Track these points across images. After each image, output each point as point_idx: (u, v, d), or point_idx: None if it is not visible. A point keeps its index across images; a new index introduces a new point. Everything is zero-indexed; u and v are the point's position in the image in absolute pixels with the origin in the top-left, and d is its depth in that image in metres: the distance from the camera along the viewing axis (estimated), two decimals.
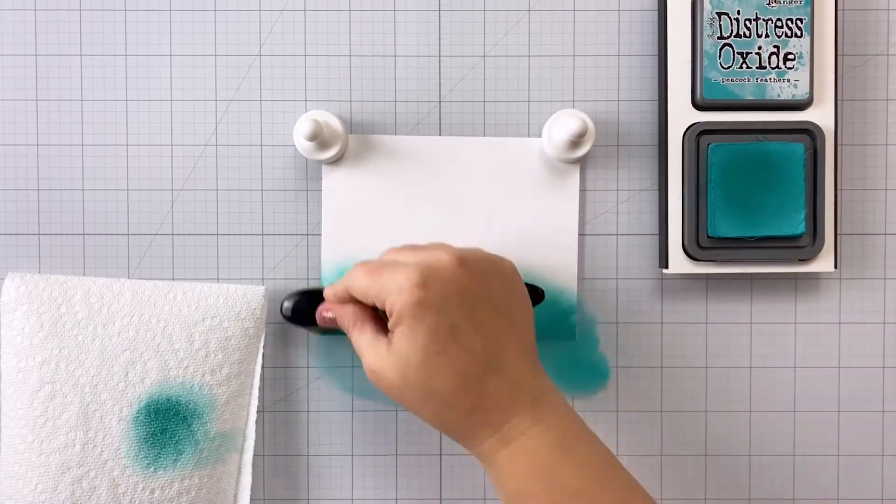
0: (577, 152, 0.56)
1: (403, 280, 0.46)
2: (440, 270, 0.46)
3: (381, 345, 0.47)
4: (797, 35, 0.55)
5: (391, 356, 0.46)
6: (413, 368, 0.46)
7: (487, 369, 0.46)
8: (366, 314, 0.49)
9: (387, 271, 0.47)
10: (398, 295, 0.46)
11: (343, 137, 0.56)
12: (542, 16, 0.58)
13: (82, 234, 0.58)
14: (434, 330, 0.45)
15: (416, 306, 0.45)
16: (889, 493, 0.59)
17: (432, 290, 0.46)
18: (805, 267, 0.56)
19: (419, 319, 0.45)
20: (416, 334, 0.46)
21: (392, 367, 0.46)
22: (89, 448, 0.54)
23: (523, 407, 0.47)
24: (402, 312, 0.46)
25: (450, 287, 0.46)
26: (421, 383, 0.46)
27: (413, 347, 0.46)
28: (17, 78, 0.57)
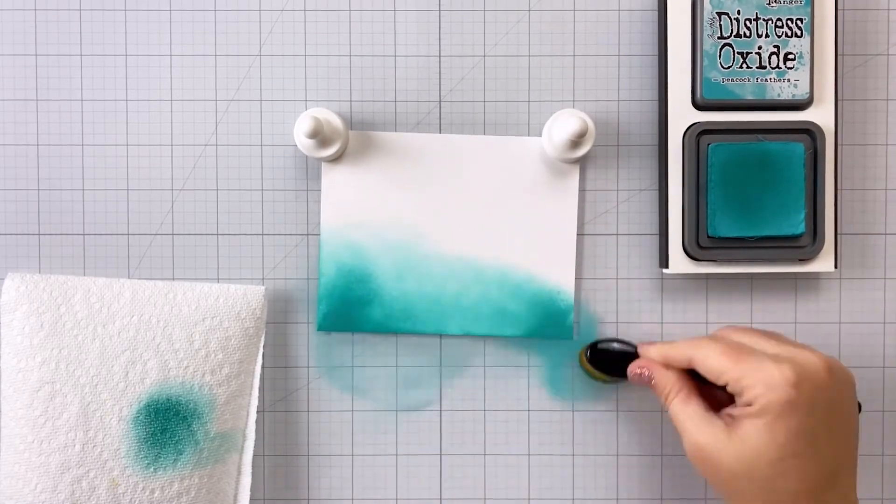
0: (577, 152, 0.56)
1: (777, 376, 0.45)
2: (813, 374, 0.46)
3: (717, 426, 0.47)
4: (797, 35, 0.55)
5: (734, 441, 0.46)
6: (762, 463, 0.45)
7: (829, 482, 0.46)
8: (690, 387, 0.49)
9: (754, 361, 0.46)
10: (767, 388, 0.45)
11: (343, 135, 0.56)
12: (542, 16, 0.58)
13: (82, 234, 0.58)
14: (796, 433, 0.45)
15: (783, 405, 0.45)
16: (889, 493, 0.59)
17: (803, 393, 0.45)
18: (805, 267, 0.56)
19: (783, 419, 0.45)
20: (776, 432, 0.45)
21: (734, 453, 0.46)
22: (89, 448, 0.54)
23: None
24: (768, 407, 0.45)
25: (818, 394, 0.45)
26: (764, 479, 0.45)
27: (770, 444, 0.45)
28: (17, 78, 0.57)
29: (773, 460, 0.45)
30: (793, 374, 0.45)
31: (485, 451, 0.58)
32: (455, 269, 0.57)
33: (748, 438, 0.45)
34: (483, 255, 0.57)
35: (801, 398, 0.45)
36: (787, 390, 0.45)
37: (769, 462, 0.45)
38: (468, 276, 0.57)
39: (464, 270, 0.57)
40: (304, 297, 0.58)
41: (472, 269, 0.57)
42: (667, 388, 0.50)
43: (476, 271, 0.57)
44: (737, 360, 0.47)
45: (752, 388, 0.46)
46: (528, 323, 0.57)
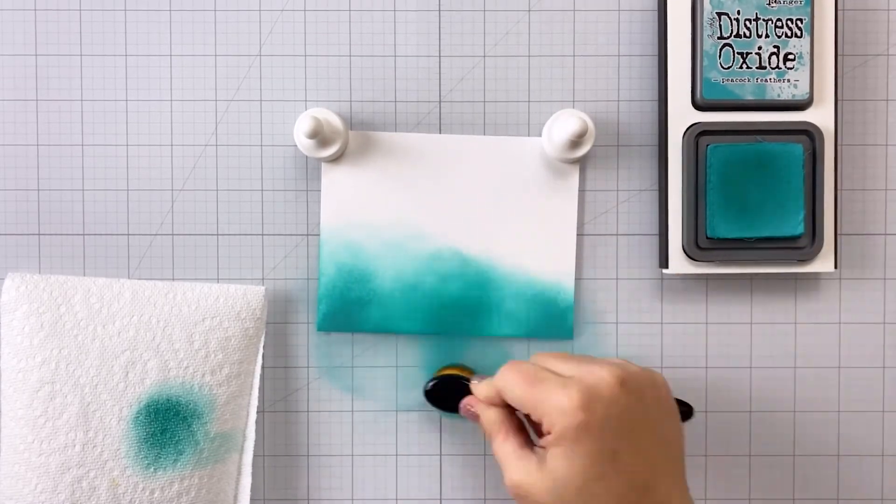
0: (577, 152, 0.56)
1: (565, 401, 0.44)
2: (601, 392, 0.45)
3: (530, 460, 0.46)
4: (797, 35, 0.55)
5: (544, 475, 0.45)
6: (570, 492, 0.44)
7: (642, 494, 0.45)
8: (511, 423, 0.48)
9: (543, 385, 0.46)
10: (559, 415, 0.44)
11: (343, 135, 0.56)
12: (542, 16, 0.58)
13: (82, 234, 0.58)
14: (595, 455, 0.44)
15: (577, 430, 0.44)
16: (889, 493, 0.59)
17: (594, 412, 0.44)
18: (805, 267, 0.56)
19: (580, 443, 0.44)
20: (575, 457, 0.44)
21: (543, 487, 0.45)
22: (89, 448, 0.54)
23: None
24: (562, 434, 0.44)
25: (611, 410, 0.45)
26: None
27: (571, 471, 0.44)
28: (17, 78, 0.57)
29: (580, 487, 0.44)
30: (579, 397, 0.44)
31: (484, 452, 0.58)
32: (455, 269, 0.57)
33: (553, 469, 0.45)
34: (483, 254, 0.57)
35: (593, 419, 0.44)
36: (577, 414, 0.44)
37: (576, 490, 0.44)
38: (468, 276, 0.57)
39: (464, 270, 0.57)
40: (304, 297, 0.58)
41: (472, 269, 0.57)
42: (489, 426, 0.49)
43: (476, 271, 0.57)
44: (531, 388, 0.46)
45: (546, 416, 0.45)
46: (528, 323, 0.57)
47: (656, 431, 0.46)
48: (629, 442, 0.45)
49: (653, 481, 0.45)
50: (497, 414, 0.49)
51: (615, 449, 0.45)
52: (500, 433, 0.48)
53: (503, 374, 0.48)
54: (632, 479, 0.45)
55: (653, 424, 0.46)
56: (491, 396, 0.49)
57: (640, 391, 0.46)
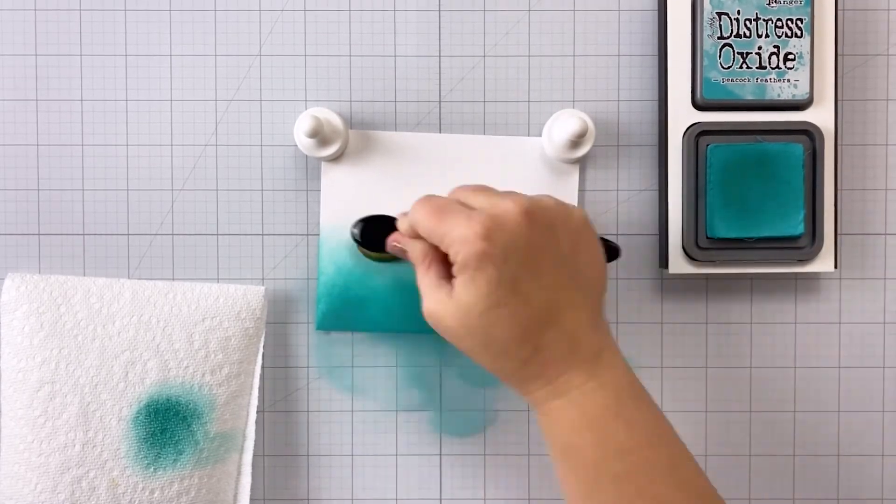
0: (577, 152, 0.56)
1: (467, 230, 0.45)
2: (505, 222, 0.46)
3: (443, 289, 0.47)
4: (797, 35, 0.55)
5: (452, 302, 0.46)
6: (473, 317, 0.46)
7: (545, 322, 0.46)
8: (434, 254, 0.49)
9: (450, 217, 0.47)
10: (461, 244, 0.45)
11: (343, 134, 0.56)
12: (542, 16, 0.58)
13: (82, 234, 0.58)
14: (495, 282, 0.45)
15: (478, 258, 0.45)
16: (889, 493, 0.59)
17: (496, 242, 0.45)
18: (805, 267, 0.56)
19: (481, 271, 0.45)
20: (477, 285, 0.45)
21: (452, 314, 0.46)
22: (89, 448, 0.54)
23: (579, 362, 0.46)
24: (465, 263, 0.45)
25: (513, 240, 0.46)
26: (480, 332, 0.46)
27: (474, 297, 0.45)
28: (17, 78, 0.57)
29: (482, 312, 0.45)
30: (481, 227, 0.45)
31: (484, 452, 0.58)
32: None
33: (458, 296, 0.46)
34: None
35: (494, 248, 0.45)
36: (477, 243, 0.45)
37: (478, 314, 0.45)
38: None
39: None
40: (304, 297, 0.58)
41: None
42: (413, 258, 0.50)
43: None
44: (439, 220, 0.47)
45: (452, 246, 0.46)
46: None
47: (566, 264, 0.47)
48: (532, 271, 0.46)
49: (557, 310, 0.46)
50: (421, 246, 0.49)
51: (516, 277, 0.45)
52: (423, 264, 0.49)
53: (415, 206, 0.49)
54: (534, 306, 0.46)
55: (562, 257, 0.47)
56: (411, 230, 0.50)
57: (550, 224, 0.47)
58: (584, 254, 0.48)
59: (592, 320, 0.48)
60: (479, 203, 0.48)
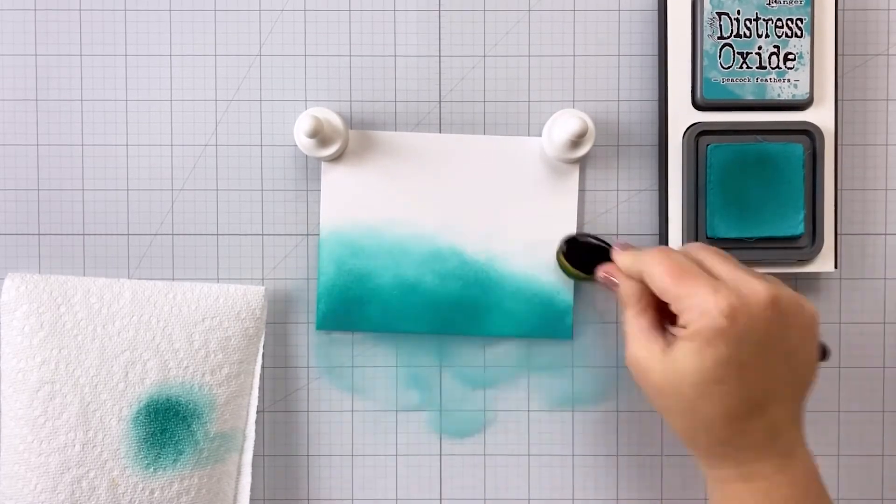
0: (577, 152, 0.56)
1: (712, 304, 0.44)
2: (751, 306, 0.45)
3: (656, 342, 0.47)
4: (797, 35, 0.55)
5: (666, 360, 0.46)
6: (685, 385, 0.45)
7: (755, 409, 0.46)
8: (648, 301, 0.48)
9: (694, 284, 0.46)
10: (700, 315, 0.45)
11: (343, 134, 0.56)
12: (542, 16, 0.58)
13: (82, 234, 0.58)
14: (724, 362, 0.44)
15: (715, 333, 0.44)
16: (889, 493, 0.59)
17: (737, 324, 0.44)
18: (805, 267, 0.56)
19: (713, 347, 0.44)
20: (704, 358, 0.44)
21: (662, 371, 0.46)
22: (89, 448, 0.54)
23: (774, 453, 0.46)
24: (699, 332, 0.45)
25: (754, 325, 0.45)
26: (688, 401, 0.45)
27: (695, 368, 0.45)
28: (17, 78, 0.57)
29: (696, 383, 0.45)
30: (727, 304, 0.44)
31: (485, 452, 0.59)
32: (454, 268, 0.57)
33: (677, 360, 0.45)
34: (482, 254, 0.57)
35: (734, 328, 0.44)
36: (719, 319, 0.44)
37: (692, 384, 0.45)
38: (468, 275, 0.57)
39: (463, 270, 0.57)
40: (304, 297, 0.58)
41: (472, 269, 0.57)
42: (627, 298, 0.49)
43: (475, 271, 0.57)
44: (678, 281, 0.46)
45: (687, 312, 0.45)
46: (527, 323, 0.57)
47: (789, 357, 0.46)
48: (760, 358, 0.45)
49: (768, 402, 0.46)
50: (638, 288, 0.49)
51: (744, 362, 0.45)
52: (636, 306, 0.48)
53: (652, 257, 0.48)
54: (749, 392, 0.45)
55: (788, 349, 0.46)
56: (633, 271, 0.49)
57: (788, 314, 0.46)
58: (805, 350, 0.47)
59: (795, 415, 0.47)
60: (725, 275, 0.46)
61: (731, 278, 0.46)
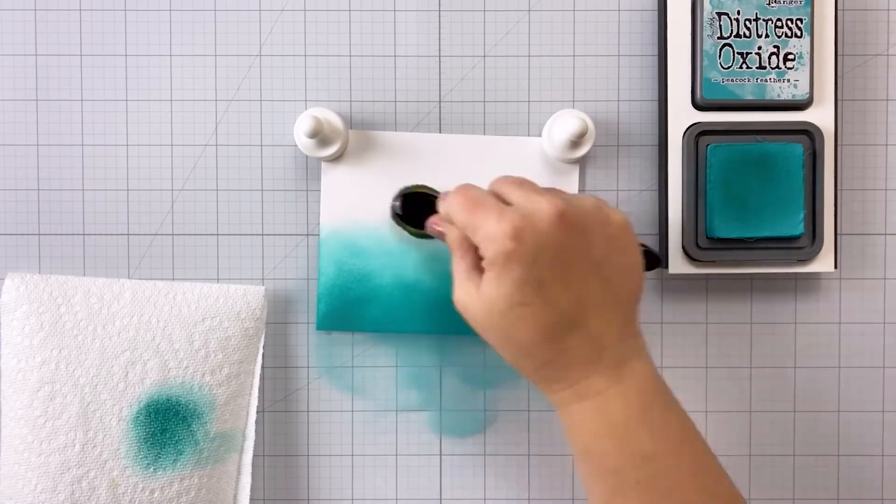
0: (577, 152, 0.56)
1: (497, 227, 0.45)
2: (536, 222, 0.45)
3: (473, 281, 0.47)
4: (797, 35, 0.55)
5: (478, 295, 0.46)
6: (497, 314, 0.46)
7: (570, 326, 0.46)
8: (469, 243, 0.48)
9: (483, 211, 0.46)
10: (489, 242, 0.45)
11: (343, 134, 0.56)
12: (542, 16, 0.58)
13: (82, 234, 0.58)
14: (521, 282, 0.45)
15: (505, 257, 0.45)
16: (889, 493, 0.59)
17: (524, 242, 0.45)
18: (805, 267, 0.56)
19: (507, 270, 0.45)
20: (502, 283, 0.45)
21: (478, 306, 0.46)
22: (89, 448, 0.54)
23: (603, 367, 0.46)
24: (492, 260, 0.45)
25: (543, 241, 0.45)
26: (502, 329, 0.46)
27: (498, 295, 0.45)
28: (17, 78, 0.57)
29: (504, 310, 0.45)
30: (511, 226, 0.45)
31: (484, 452, 0.59)
32: None
33: (484, 290, 0.46)
34: None
35: (522, 248, 0.45)
36: (506, 242, 0.44)
37: (501, 312, 0.45)
38: None
39: None
40: (304, 297, 0.58)
41: None
42: (451, 243, 0.50)
43: None
44: (471, 213, 0.47)
45: (482, 242, 0.46)
46: None
47: (598, 269, 0.47)
48: (560, 274, 0.45)
49: (584, 315, 0.46)
50: (458, 233, 0.49)
51: (542, 279, 0.45)
52: (458, 250, 0.49)
53: (451, 195, 0.49)
54: (558, 309, 0.45)
55: (593, 259, 0.46)
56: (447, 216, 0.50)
57: (585, 227, 0.46)
58: (619, 260, 0.47)
59: (621, 327, 0.47)
60: (515, 199, 0.47)
61: (521, 202, 0.47)
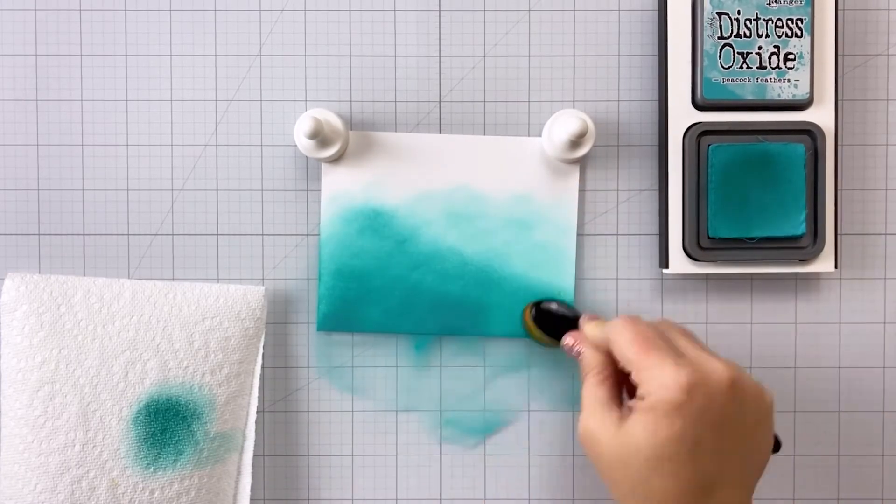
0: (577, 152, 0.56)
1: (671, 378, 0.44)
2: (711, 385, 0.45)
3: (611, 413, 0.46)
4: (797, 35, 0.55)
5: (619, 432, 0.45)
6: (638, 459, 0.45)
7: (704, 491, 0.45)
8: (609, 372, 0.48)
9: (657, 354, 0.46)
10: (660, 387, 0.44)
11: (343, 135, 0.56)
12: (542, 16, 0.58)
13: (82, 234, 0.58)
14: (677, 438, 0.44)
15: (672, 407, 0.44)
16: (889, 493, 0.59)
17: (695, 399, 0.44)
18: (805, 267, 0.56)
19: (668, 421, 0.44)
20: (658, 432, 0.44)
21: (614, 443, 0.45)
22: (89, 448, 0.54)
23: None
24: (654, 405, 0.44)
25: (712, 404, 0.44)
26: (637, 477, 0.45)
27: (648, 442, 0.44)
28: (17, 78, 0.57)
29: (649, 458, 0.44)
30: (687, 379, 0.44)
31: (485, 452, 0.59)
32: (455, 269, 0.57)
33: (631, 432, 0.45)
34: (483, 255, 0.57)
35: (691, 404, 0.44)
36: (678, 393, 0.44)
37: (645, 459, 0.44)
38: (468, 276, 0.57)
39: (464, 271, 0.57)
40: (304, 298, 0.58)
41: (472, 270, 0.57)
42: (589, 367, 0.49)
43: (476, 271, 0.57)
44: (642, 351, 0.46)
45: (647, 383, 0.45)
46: None
47: (744, 441, 0.46)
48: (714, 439, 0.45)
49: (719, 484, 0.45)
50: (601, 358, 0.49)
51: (699, 440, 0.44)
52: (596, 376, 0.48)
53: (619, 326, 0.48)
54: (701, 472, 0.45)
55: (743, 433, 0.46)
56: (599, 341, 0.49)
57: (746, 398, 0.46)
58: (759, 437, 0.47)
59: (744, 500, 0.47)
60: (689, 352, 0.46)
61: (694, 356, 0.46)
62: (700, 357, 0.46)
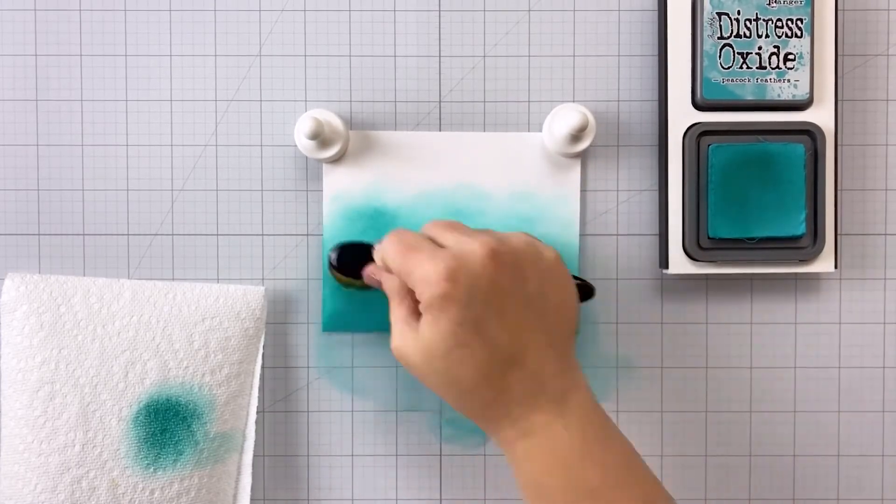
0: (577, 146, 0.56)
1: (431, 270, 0.46)
2: (469, 264, 0.46)
3: (410, 326, 0.48)
4: (797, 35, 0.55)
5: (417, 341, 0.47)
6: (436, 357, 0.46)
7: (509, 364, 0.46)
8: (407, 290, 0.49)
9: (416, 255, 0.47)
10: (425, 285, 0.46)
11: (344, 136, 0.56)
12: (542, 16, 0.58)
13: (82, 234, 0.58)
14: (458, 323, 0.45)
15: (441, 299, 0.45)
16: (889, 493, 0.59)
17: (459, 284, 0.45)
18: (805, 267, 0.56)
19: (444, 312, 0.45)
20: (440, 325, 0.46)
21: (416, 352, 0.47)
22: (89, 448, 0.54)
23: (544, 402, 0.47)
24: (429, 303, 0.46)
25: (477, 282, 0.46)
26: (443, 372, 0.46)
27: (437, 337, 0.46)
28: (17, 78, 0.57)
29: (444, 352, 0.46)
30: (445, 269, 0.45)
31: (485, 452, 0.58)
32: None
33: (422, 335, 0.46)
34: None
35: (457, 290, 0.45)
36: (441, 284, 0.45)
37: (441, 355, 0.46)
38: None
39: None
40: (304, 298, 0.58)
41: None
42: (388, 291, 0.50)
43: None
44: (405, 258, 0.47)
45: (416, 286, 0.46)
46: None
47: (533, 305, 0.47)
48: (496, 313, 0.46)
49: (522, 352, 0.47)
50: (395, 281, 0.49)
51: (479, 318, 0.46)
52: (395, 297, 0.49)
53: (385, 241, 0.49)
54: (497, 348, 0.46)
55: (528, 295, 0.47)
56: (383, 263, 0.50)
57: (517, 264, 0.47)
58: (553, 295, 0.48)
59: (559, 361, 0.48)
60: (448, 241, 0.48)
61: (453, 243, 0.47)
62: (458, 242, 0.47)
